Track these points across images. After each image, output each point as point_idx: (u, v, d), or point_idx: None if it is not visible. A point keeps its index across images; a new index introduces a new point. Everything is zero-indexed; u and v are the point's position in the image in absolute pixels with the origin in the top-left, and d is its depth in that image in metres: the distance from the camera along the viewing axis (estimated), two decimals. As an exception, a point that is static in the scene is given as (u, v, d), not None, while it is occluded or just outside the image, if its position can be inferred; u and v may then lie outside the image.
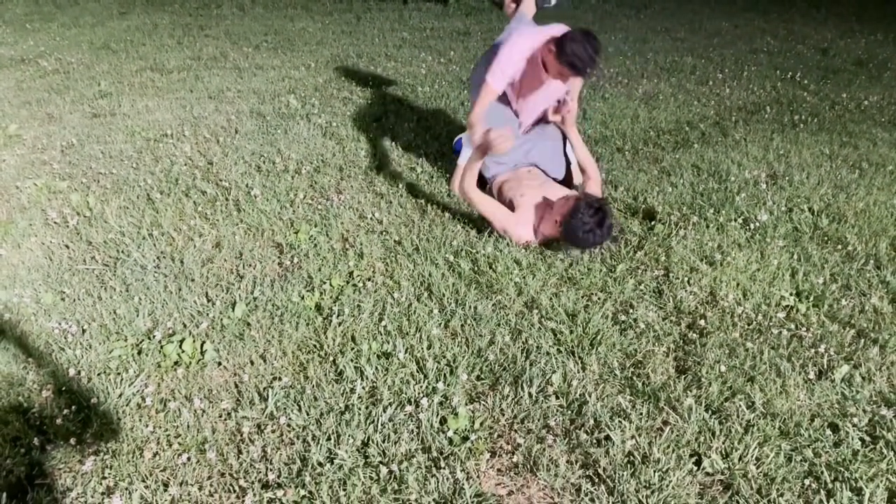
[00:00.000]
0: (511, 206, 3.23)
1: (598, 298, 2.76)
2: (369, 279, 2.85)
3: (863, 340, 2.51)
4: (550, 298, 2.74)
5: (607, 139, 4.42)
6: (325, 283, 2.81)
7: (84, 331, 2.49)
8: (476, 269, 2.94)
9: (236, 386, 2.25)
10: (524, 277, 2.87)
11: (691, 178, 3.85)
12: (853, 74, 6.08)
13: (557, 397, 2.23)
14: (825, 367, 2.37)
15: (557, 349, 2.46)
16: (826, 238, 3.24)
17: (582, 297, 2.77)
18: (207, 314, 2.59)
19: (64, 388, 2.21)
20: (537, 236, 3.12)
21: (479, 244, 3.11)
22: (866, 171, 3.97)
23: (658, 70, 6.11)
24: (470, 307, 2.66)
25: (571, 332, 2.54)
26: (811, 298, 2.75)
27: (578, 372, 2.35)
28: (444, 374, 2.30)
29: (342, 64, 6.07)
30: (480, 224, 3.26)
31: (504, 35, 3.48)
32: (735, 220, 3.35)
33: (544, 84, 3.31)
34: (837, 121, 4.84)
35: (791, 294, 2.79)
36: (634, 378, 2.32)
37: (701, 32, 7.72)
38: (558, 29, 3.16)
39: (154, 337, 2.44)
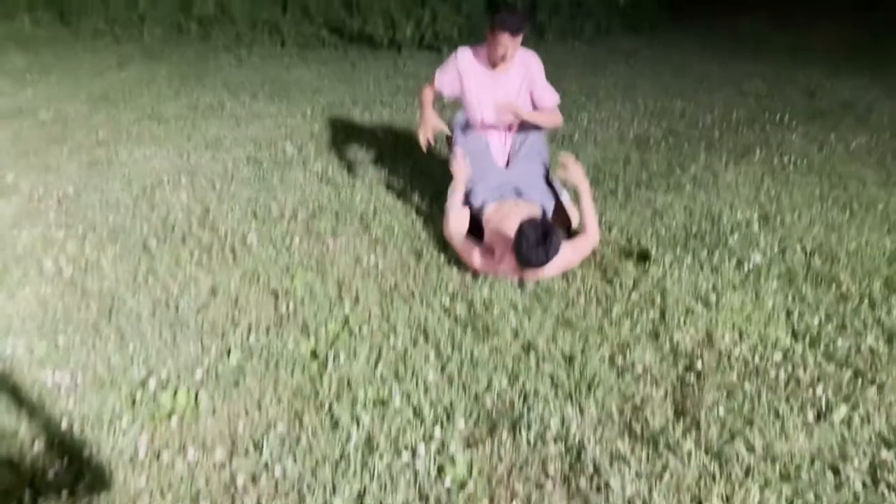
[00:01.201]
0: (495, 236, 3.26)
1: (595, 341, 2.76)
2: (365, 324, 2.85)
3: (860, 381, 2.50)
4: (547, 342, 2.73)
5: (600, 182, 4.46)
6: (320, 328, 2.80)
7: (78, 381, 2.47)
8: (472, 312, 2.94)
9: (230, 435, 2.23)
10: (520, 320, 2.87)
11: (684, 219, 3.88)
12: (840, 116, 6.18)
13: (556, 443, 2.21)
14: (824, 408, 2.36)
15: (555, 393, 2.44)
16: (820, 278, 3.25)
17: (579, 339, 2.76)
18: (202, 362, 2.58)
19: (56, 440, 2.18)
20: (499, 267, 3.15)
21: (474, 287, 3.12)
22: (857, 211, 4.01)
23: (648, 114, 6.20)
24: (466, 351, 2.66)
25: (569, 375, 2.53)
26: (807, 339, 2.75)
27: (576, 416, 2.33)
28: (442, 421, 2.29)
29: (338, 111, 6.15)
30: (476, 268, 3.27)
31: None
32: (729, 261, 3.37)
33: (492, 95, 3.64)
34: (826, 162, 4.90)
35: (787, 335, 2.79)
36: (633, 422, 2.31)
37: (689, 76, 7.86)
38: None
39: (148, 386, 2.42)
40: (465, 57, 3.67)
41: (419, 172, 4.56)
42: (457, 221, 3.40)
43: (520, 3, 9.85)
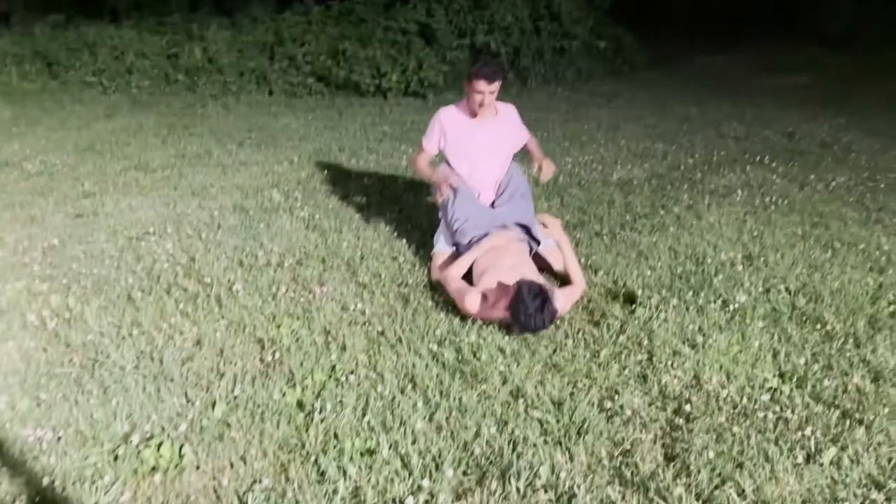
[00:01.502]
0: (488, 280, 3.28)
1: (584, 385, 2.75)
2: (352, 373, 2.83)
3: (848, 421, 2.50)
4: (536, 386, 2.72)
5: (585, 224, 4.50)
6: (306, 378, 2.78)
7: (59, 437, 2.43)
8: (460, 358, 2.93)
9: (215, 490, 2.19)
10: (508, 365, 2.86)
11: (669, 261, 3.91)
12: (819, 157, 6.30)
13: (546, 491, 2.18)
14: (813, 450, 2.35)
15: (544, 440, 2.42)
16: (804, 318, 3.27)
17: (567, 384, 2.75)
18: (186, 415, 2.54)
19: (38, 498, 2.13)
20: (491, 313, 3.16)
21: (462, 332, 3.11)
22: (839, 250, 4.06)
23: (631, 156, 6.30)
24: (455, 398, 2.64)
25: (558, 421, 2.51)
26: (794, 379, 2.75)
27: (566, 463, 2.31)
28: (430, 471, 2.26)
29: (324, 158, 6.20)
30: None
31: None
32: (714, 302, 3.38)
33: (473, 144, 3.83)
34: (807, 202, 4.98)
35: (774, 375, 2.79)
36: (623, 468, 2.28)
37: (670, 119, 8.01)
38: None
39: (131, 441, 2.38)
40: (446, 114, 3.90)
41: (406, 218, 4.59)
42: (453, 265, 3.49)
43: (503, 50, 10.07)
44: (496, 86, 3.64)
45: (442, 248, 3.73)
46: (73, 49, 10.36)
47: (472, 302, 3.18)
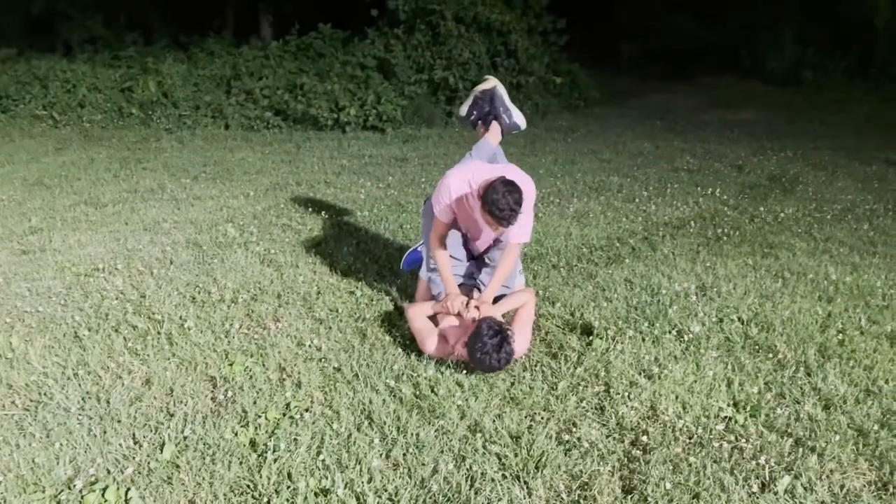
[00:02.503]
0: (450, 327, 3.26)
1: (542, 418, 2.74)
2: (307, 410, 2.77)
3: (801, 449, 2.53)
4: (494, 420, 2.70)
5: (542, 256, 4.53)
6: (260, 416, 2.71)
7: (-2, 483, 2.32)
8: (418, 393, 2.89)
9: (162, 536, 2.10)
10: (466, 399, 2.84)
11: (625, 292, 3.95)
12: (768, 189, 6.49)
13: (504, 527, 2.15)
14: (767, 478, 2.37)
15: (503, 474, 2.40)
16: (757, 347, 3.33)
17: (525, 417, 2.74)
18: (133, 458, 2.45)
19: (-31, 551, 2.02)
20: (448, 352, 3.14)
21: (420, 367, 3.08)
22: (788, 279, 4.16)
23: (587, 189, 6.39)
24: (412, 434, 2.60)
25: (516, 454, 2.49)
26: (748, 408, 2.78)
27: (525, 498, 2.29)
28: (386, 510, 2.21)
29: (281, 192, 6.15)
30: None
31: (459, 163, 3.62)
32: (669, 333, 3.42)
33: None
34: (758, 233, 5.10)
35: (728, 405, 2.82)
36: (581, 501, 2.27)
37: (625, 153, 8.18)
38: (496, 170, 3.26)
39: (75, 486, 2.29)
40: (456, 189, 3.29)
41: (363, 252, 4.56)
42: (418, 305, 3.44)
43: (461, 85, 10.20)
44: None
45: (423, 276, 3.68)
46: (24, 82, 10.14)
47: (430, 344, 3.16)
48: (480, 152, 3.72)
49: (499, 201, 2.93)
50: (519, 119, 3.86)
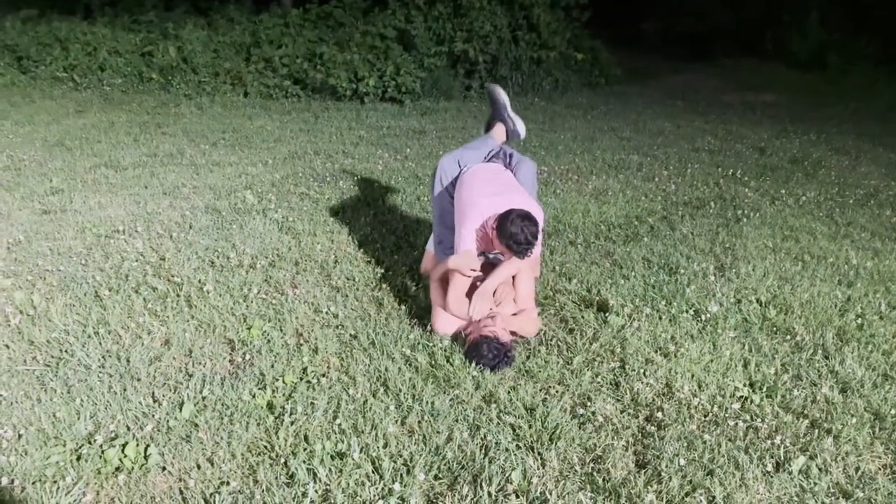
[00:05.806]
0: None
1: (556, 391, 2.74)
2: (324, 375, 2.79)
3: (817, 431, 2.53)
4: (508, 392, 2.71)
5: (560, 233, 4.51)
6: (277, 380, 2.73)
7: (20, 436, 2.36)
8: (433, 362, 2.91)
9: (181, 492, 2.14)
10: (481, 370, 2.85)
11: (642, 270, 3.93)
12: (790, 172, 6.41)
13: (517, 496, 2.17)
14: (782, 458, 2.37)
15: (517, 445, 2.41)
16: (775, 329, 3.31)
17: (540, 390, 2.75)
18: (153, 415, 2.49)
19: (-7, 500, 2.06)
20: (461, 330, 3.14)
21: (435, 337, 3.09)
22: (808, 263, 4.12)
23: (606, 167, 6.34)
24: (427, 402, 2.62)
25: (530, 426, 2.51)
26: (764, 389, 2.78)
27: (538, 468, 2.30)
28: (401, 474, 2.23)
29: (299, 160, 6.15)
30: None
31: (471, 152, 3.58)
32: (687, 312, 3.41)
33: None
34: (778, 215, 5.05)
35: (745, 385, 2.81)
36: (595, 474, 2.28)
37: (645, 132, 8.09)
38: (509, 202, 3.12)
39: (95, 441, 2.32)
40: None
41: (380, 223, 4.56)
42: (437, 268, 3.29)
43: (481, 58, 10.11)
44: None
45: (430, 249, 3.66)
46: (45, 44, 10.14)
47: (441, 324, 3.15)
48: (487, 141, 3.69)
49: (517, 235, 2.90)
50: (520, 128, 3.86)
